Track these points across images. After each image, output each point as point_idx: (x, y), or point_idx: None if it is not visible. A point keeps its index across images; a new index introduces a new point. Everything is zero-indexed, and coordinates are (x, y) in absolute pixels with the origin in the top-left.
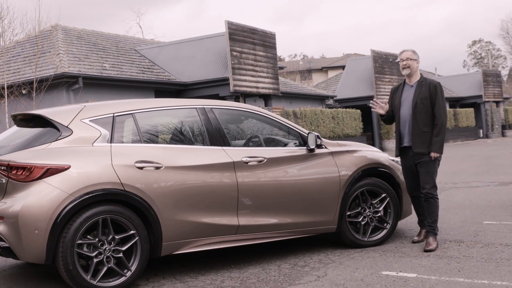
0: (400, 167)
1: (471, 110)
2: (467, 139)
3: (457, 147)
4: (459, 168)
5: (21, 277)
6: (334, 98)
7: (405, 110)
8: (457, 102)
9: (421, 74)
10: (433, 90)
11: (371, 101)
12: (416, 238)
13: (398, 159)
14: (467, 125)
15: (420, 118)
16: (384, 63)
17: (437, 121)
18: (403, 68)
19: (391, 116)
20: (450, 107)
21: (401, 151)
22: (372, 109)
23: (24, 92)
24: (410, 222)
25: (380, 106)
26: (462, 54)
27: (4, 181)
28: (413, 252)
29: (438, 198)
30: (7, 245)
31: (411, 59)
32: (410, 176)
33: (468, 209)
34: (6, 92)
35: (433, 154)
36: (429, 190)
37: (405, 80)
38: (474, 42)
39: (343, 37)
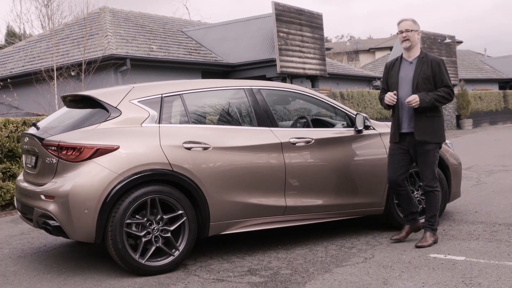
0: (449, 149)
1: None
2: None
3: (507, 129)
4: (509, 151)
5: (71, 256)
6: (382, 79)
7: (405, 91)
8: (507, 84)
9: (421, 48)
10: (436, 68)
11: (389, 97)
12: (395, 236)
13: (447, 140)
14: None
15: None
16: (432, 44)
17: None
18: (403, 41)
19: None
20: (500, 88)
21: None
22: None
23: (73, 74)
24: (458, 204)
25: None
26: None
27: (54, 161)
28: (461, 235)
29: (439, 191)
30: (57, 224)
31: (411, 30)
32: (395, 165)
33: None
34: (55, 74)
35: (411, 98)
36: (429, 183)
37: (402, 54)
38: None
39: (391, 18)
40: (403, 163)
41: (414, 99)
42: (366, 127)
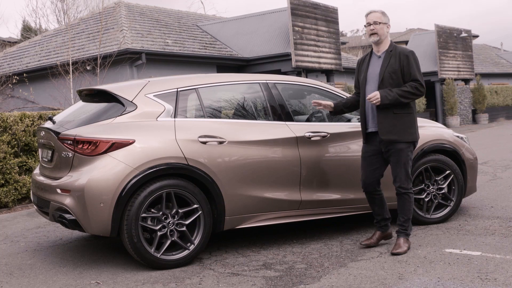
0: (465, 143)
1: None
2: None
3: None
4: None
5: (87, 249)
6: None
7: (371, 87)
8: None
9: (391, 41)
10: (404, 61)
11: (313, 101)
12: (365, 241)
13: (463, 135)
14: None
15: None
16: (448, 38)
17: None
18: (370, 34)
19: (351, 102)
20: None
21: (367, 137)
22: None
23: (88, 68)
24: (474, 199)
25: (323, 105)
26: None
27: (70, 155)
28: (477, 230)
29: (412, 193)
30: (73, 217)
31: (380, 23)
32: (368, 167)
33: None
34: (71, 68)
35: (372, 94)
36: (402, 184)
37: (372, 49)
38: None
39: (407, 12)
40: (377, 165)
41: (374, 95)
42: None
